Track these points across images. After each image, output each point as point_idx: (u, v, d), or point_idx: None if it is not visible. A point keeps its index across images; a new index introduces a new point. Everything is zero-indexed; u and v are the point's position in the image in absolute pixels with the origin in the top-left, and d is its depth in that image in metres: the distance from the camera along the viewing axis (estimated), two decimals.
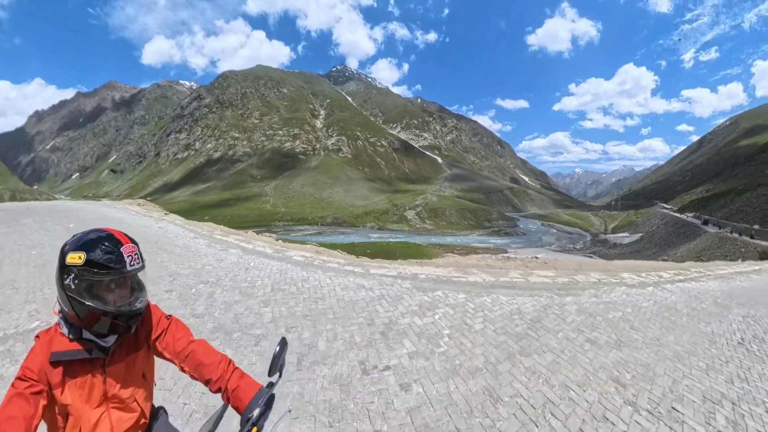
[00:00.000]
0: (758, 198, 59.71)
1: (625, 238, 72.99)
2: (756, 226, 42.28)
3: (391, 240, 52.31)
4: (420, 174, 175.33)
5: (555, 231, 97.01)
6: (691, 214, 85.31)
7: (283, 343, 1.33)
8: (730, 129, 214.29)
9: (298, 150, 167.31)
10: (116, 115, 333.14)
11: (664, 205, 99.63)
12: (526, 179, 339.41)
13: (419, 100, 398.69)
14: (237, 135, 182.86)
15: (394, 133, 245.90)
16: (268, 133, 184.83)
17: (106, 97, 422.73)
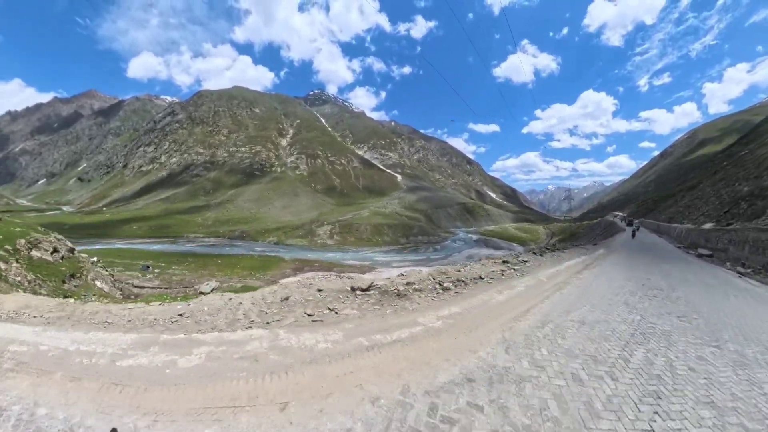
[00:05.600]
0: (713, 185, 55.35)
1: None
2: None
3: (268, 253, 60.29)
4: (374, 190, 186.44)
5: (486, 246, 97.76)
6: (620, 215, 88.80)
7: None
8: (688, 142, 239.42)
9: (255, 166, 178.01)
10: (92, 123, 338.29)
11: (616, 213, 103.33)
12: (494, 195, 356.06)
13: (392, 123, 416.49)
14: (201, 150, 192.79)
15: (359, 152, 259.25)
16: (231, 149, 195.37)
17: (84, 105, 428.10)
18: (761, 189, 31.87)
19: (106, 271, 23.59)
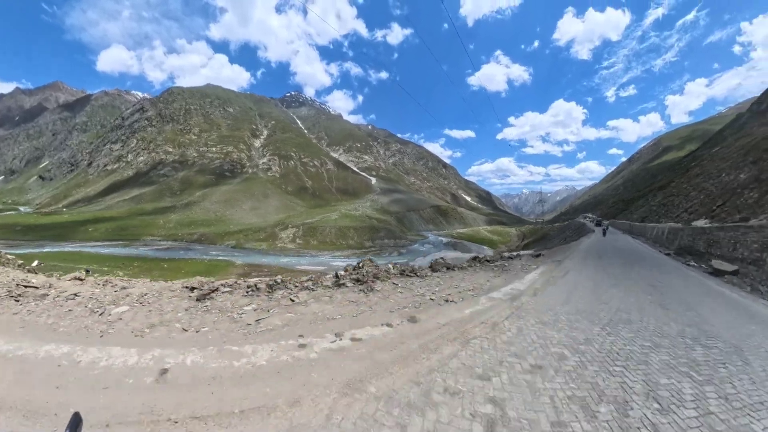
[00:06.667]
0: (689, 181, 50.91)
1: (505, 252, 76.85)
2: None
3: (221, 257, 59.10)
4: (348, 192, 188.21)
5: (455, 249, 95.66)
6: (590, 216, 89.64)
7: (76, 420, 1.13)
8: (653, 148, 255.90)
9: (226, 167, 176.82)
10: (56, 118, 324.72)
11: (586, 214, 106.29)
12: (469, 199, 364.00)
13: (369, 127, 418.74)
14: (170, 149, 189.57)
15: (334, 155, 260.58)
16: (201, 149, 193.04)
17: (49, 98, 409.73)
18: None
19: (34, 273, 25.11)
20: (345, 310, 7.24)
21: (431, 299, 8.25)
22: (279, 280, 9.71)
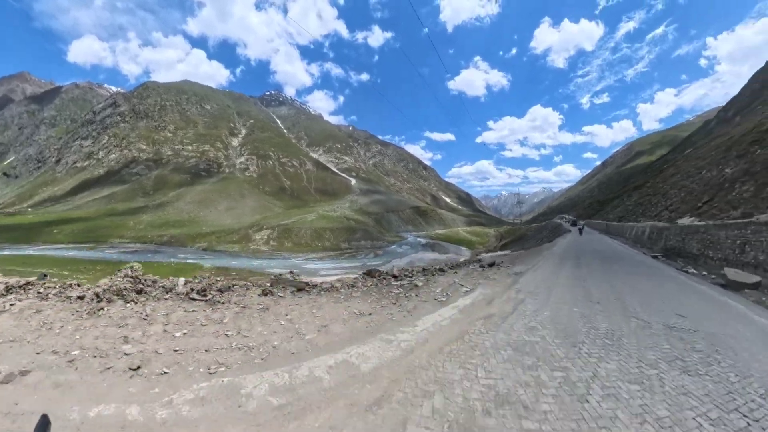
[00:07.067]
0: (665, 181, 50.17)
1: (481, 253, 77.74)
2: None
3: (189, 261, 57.47)
4: (327, 193, 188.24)
5: (433, 250, 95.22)
6: (567, 217, 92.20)
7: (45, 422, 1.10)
8: (626, 153, 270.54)
9: (202, 167, 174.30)
10: (23, 110, 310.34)
11: (563, 215, 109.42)
12: (448, 200, 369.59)
13: (350, 128, 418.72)
14: (144, 147, 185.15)
15: (314, 155, 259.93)
16: (176, 147, 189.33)
17: (15, 89, 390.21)
18: (766, 159, 24.97)
19: None
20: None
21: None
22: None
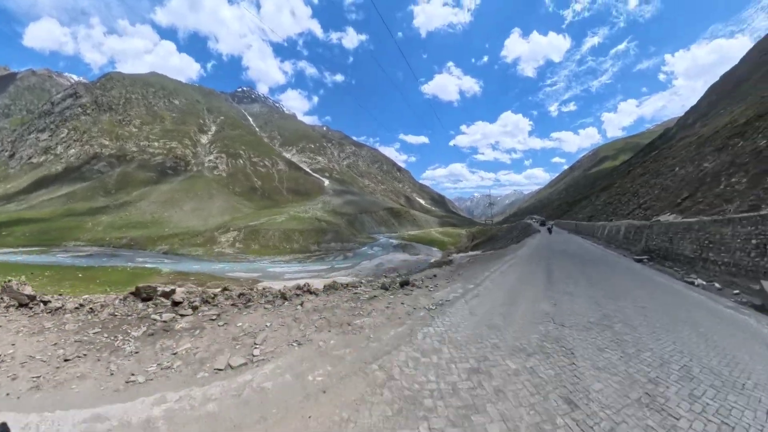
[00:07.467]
0: (633, 181, 49.28)
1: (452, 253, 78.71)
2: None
3: (147, 265, 55.42)
4: (300, 194, 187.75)
5: (404, 251, 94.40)
6: (536, 217, 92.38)
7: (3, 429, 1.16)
8: (592, 158, 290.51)
9: (168, 164, 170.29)
10: None
11: (533, 215, 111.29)
12: (422, 202, 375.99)
13: (324, 128, 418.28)
14: (107, 143, 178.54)
15: (287, 155, 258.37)
16: (141, 143, 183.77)
17: None
18: (754, 151, 22.96)
19: None
20: None
21: None
22: None
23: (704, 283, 10.83)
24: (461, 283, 10.94)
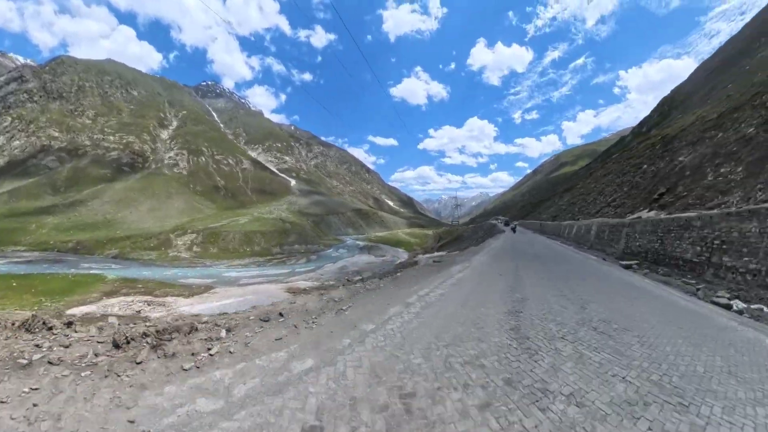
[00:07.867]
0: (597, 181, 49.14)
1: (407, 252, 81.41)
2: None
3: (92, 271, 49.92)
4: (265, 193, 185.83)
5: (370, 252, 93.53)
6: (501, 218, 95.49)
7: None
8: (553, 163, 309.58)
9: (125, 160, 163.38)
10: None
11: (498, 216, 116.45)
12: (391, 203, 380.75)
13: (292, 127, 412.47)
14: (56, 134, 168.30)
15: (252, 154, 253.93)
16: (95, 137, 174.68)
17: None
18: (742, 139, 21.58)
19: None
20: None
21: None
22: None
23: (744, 305, 7.70)
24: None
